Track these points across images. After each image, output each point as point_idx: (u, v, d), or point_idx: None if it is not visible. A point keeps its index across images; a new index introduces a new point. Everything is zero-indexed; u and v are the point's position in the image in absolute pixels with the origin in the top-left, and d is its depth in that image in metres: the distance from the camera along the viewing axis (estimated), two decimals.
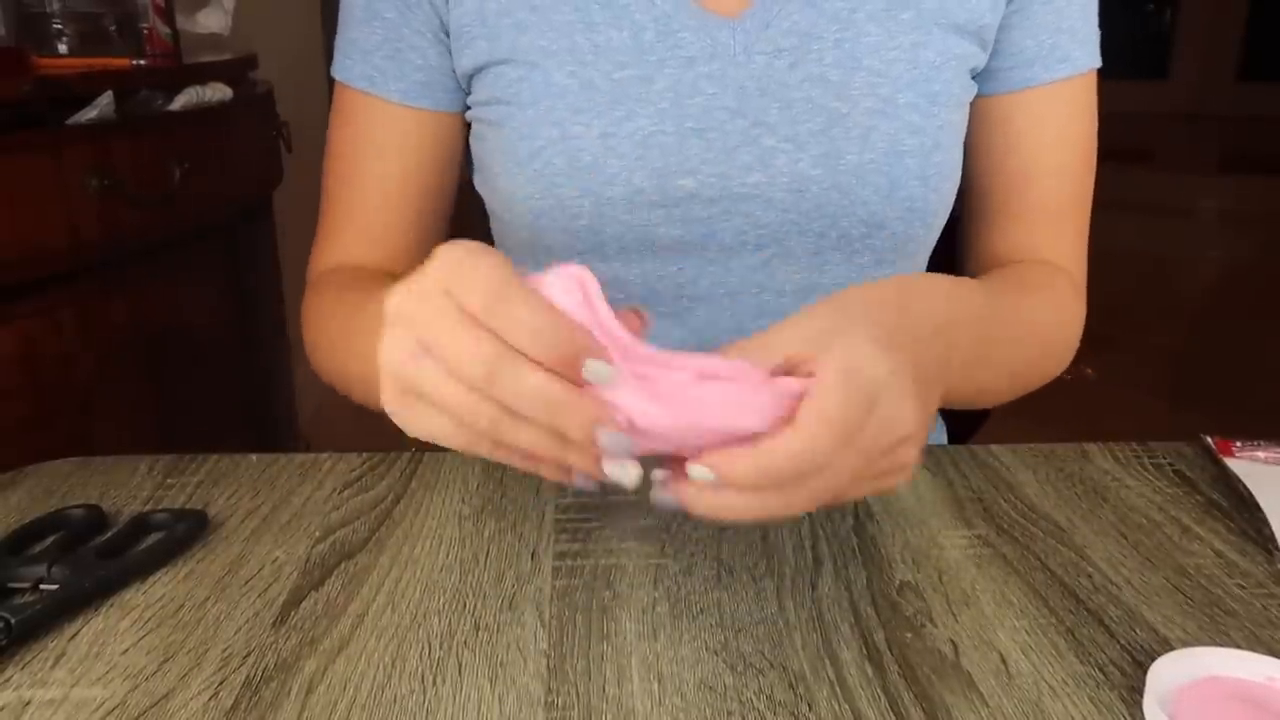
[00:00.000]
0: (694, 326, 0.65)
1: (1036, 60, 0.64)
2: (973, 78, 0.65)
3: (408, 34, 0.64)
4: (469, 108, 0.67)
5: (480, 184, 0.68)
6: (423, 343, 0.37)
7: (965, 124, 0.66)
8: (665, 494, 0.39)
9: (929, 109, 0.61)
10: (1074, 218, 0.69)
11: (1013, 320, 0.60)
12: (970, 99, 0.65)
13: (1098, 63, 0.66)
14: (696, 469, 0.37)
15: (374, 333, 0.40)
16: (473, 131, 0.67)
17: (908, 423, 0.39)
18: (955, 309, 0.48)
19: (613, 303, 0.38)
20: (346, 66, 0.67)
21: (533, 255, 0.64)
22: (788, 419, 0.37)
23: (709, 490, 0.37)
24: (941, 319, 0.46)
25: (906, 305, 0.44)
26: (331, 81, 0.69)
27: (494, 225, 0.71)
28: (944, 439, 0.80)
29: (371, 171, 0.68)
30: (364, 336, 0.56)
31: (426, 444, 0.60)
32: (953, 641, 0.44)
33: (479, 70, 0.63)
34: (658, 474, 0.39)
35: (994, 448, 0.63)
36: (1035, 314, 0.64)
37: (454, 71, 0.65)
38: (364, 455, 0.61)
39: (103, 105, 1.15)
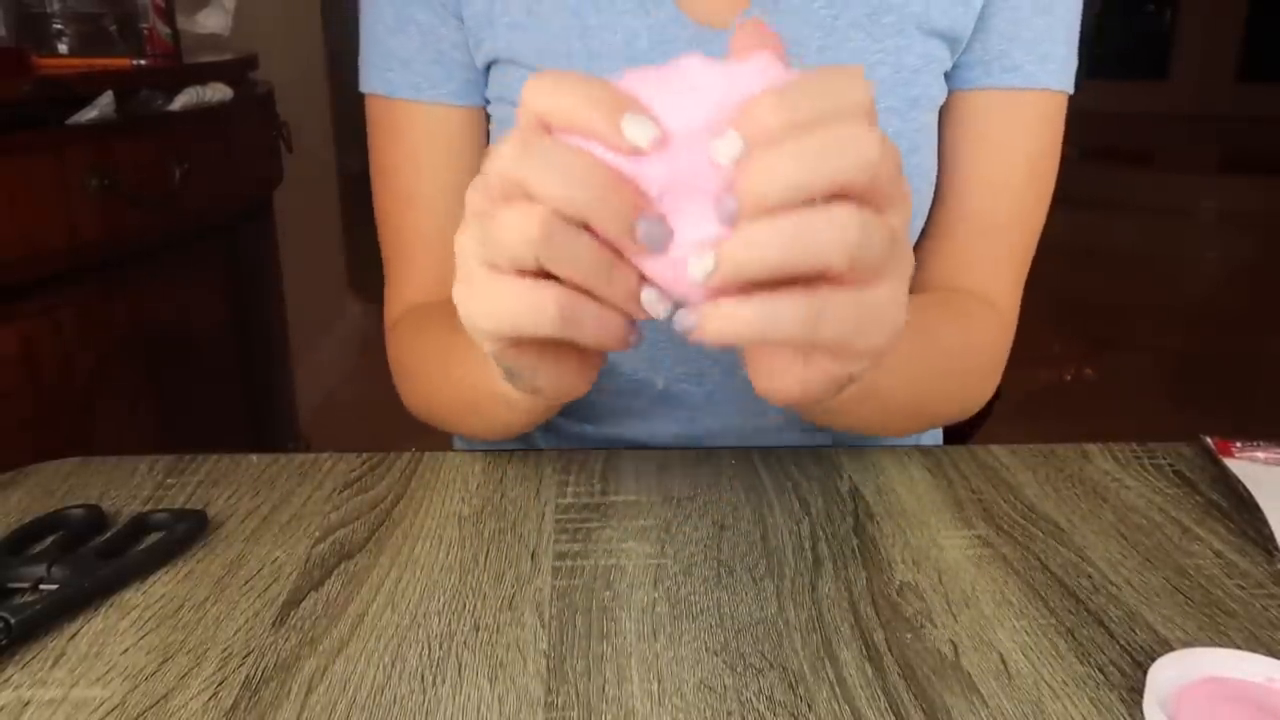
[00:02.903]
0: None
1: (981, 63, 0.63)
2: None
3: (445, 33, 0.63)
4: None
5: None
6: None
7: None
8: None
9: (908, 112, 0.61)
10: (1009, 239, 0.66)
11: (929, 341, 0.58)
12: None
13: (1061, 85, 0.64)
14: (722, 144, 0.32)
15: (465, 361, 0.39)
16: None
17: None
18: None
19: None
20: (388, 79, 0.65)
21: None
22: None
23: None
24: None
25: None
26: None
27: None
28: (939, 439, 0.80)
29: (435, 183, 0.66)
30: (460, 366, 0.56)
31: (426, 445, 0.60)
32: (952, 642, 0.44)
33: (488, 67, 0.64)
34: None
35: (994, 448, 0.63)
36: (949, 339, 0.62)
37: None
38: (364, 455, 0.61)
39: (103, 105, 1.15)
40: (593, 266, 0.34)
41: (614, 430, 0.70)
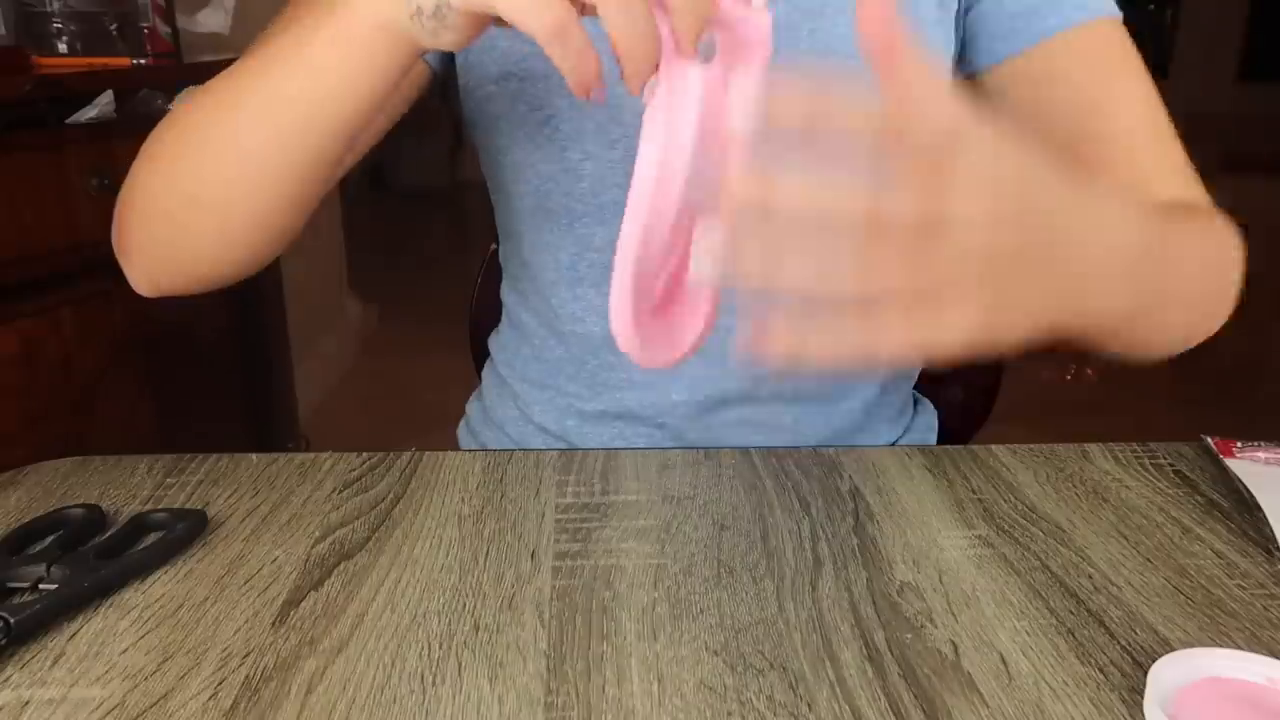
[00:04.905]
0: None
1: (1043, 7, 0.66)
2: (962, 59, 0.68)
3: None
4: (454, 76, 0.70)
5: (487, 165, 0.73)
6: None
7: None
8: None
9: None
10: (1167, 141, 0.67)
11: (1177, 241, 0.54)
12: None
13: (1115, 12, 0.67)
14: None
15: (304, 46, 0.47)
16: (483, 115, 0.71)
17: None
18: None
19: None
20: None
21: (534, 222, 0.70)
22: None
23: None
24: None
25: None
26: None
27: (499, 203, 0.75)
28: (933, 439, 0.81)
29: None
30: (287, 63, 0.50)
31: (426, 445, 0.60)
32: (953, 642, 0.44)
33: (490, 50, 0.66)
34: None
35: (994, 448, 0.63)
36: (1193, 236, 0.60)
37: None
38: (364, 455, 0.61)
39: (103, 105, 1.15)
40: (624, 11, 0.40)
41: (617, 402, 0.72)
